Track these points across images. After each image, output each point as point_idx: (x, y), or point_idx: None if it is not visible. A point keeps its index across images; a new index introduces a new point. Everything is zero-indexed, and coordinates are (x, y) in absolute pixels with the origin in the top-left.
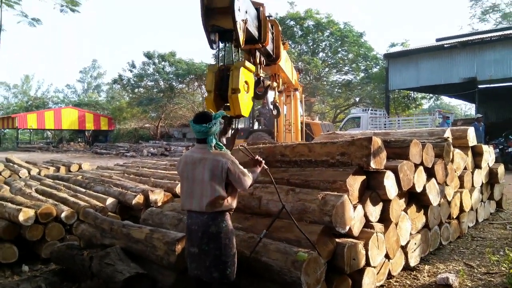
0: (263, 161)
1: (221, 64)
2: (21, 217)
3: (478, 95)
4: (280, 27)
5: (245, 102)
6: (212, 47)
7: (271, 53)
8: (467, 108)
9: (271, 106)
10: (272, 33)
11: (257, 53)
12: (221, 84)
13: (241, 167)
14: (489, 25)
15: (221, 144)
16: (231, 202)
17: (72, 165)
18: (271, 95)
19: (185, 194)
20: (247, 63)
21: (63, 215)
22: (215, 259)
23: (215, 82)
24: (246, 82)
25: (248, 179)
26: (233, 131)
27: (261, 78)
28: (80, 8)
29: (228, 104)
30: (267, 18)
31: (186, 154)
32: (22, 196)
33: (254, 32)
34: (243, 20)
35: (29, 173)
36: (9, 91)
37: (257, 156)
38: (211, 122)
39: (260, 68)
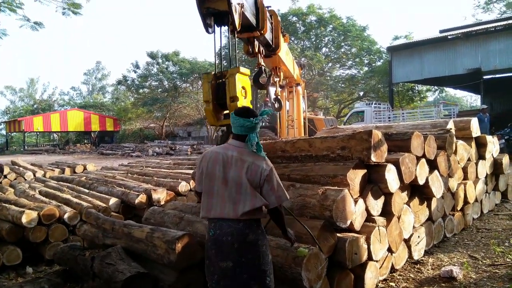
0: None
1: (217, 71)
2: (24, 219)
3: (483, 86)
4: (279, 18)
5: None
6: (208, 31)
7: (270, 42)
8: (473, 100)
9: (273, 101)
10: (271, 23)
11: (256, 42)
12: (218, 92)
13: (279, 180)
14: (493, 15)
15: (261, 145)
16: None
17: (77, 167)
18: (272, 90)
19: (213, 197)
20: (242, 69)
21: (66, 216)
22: (254, 270)
23: (212, 91)
24: (243, 88)
25: (284, 195)
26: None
27: (262, 67)
28: (82, 10)
29: (227, 112)
30: (266, 8)
31: (215, 151)
32: (26, 198)
33: (252, 19)
34: (238, 4)
35: (34, 175)
36: (15, 94)
37: None
38: (257, 118)
39: (260, 58)
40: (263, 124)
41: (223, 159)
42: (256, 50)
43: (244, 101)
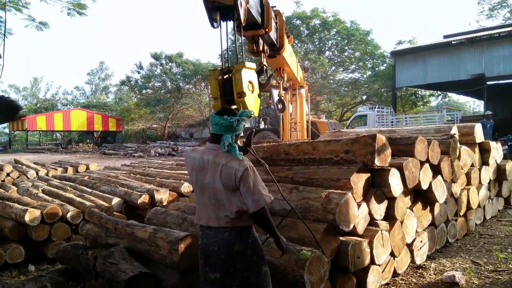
0: (267, 165)
1: (224, 67)
2: (27, 217)
3: (487, 92)
4: (283, 18)
5: (252, 102)
6: (213, 26)
7: (275, 42)
8: (476, 105)
9: (277, 102)
10: (276, 23)
11: (260, 41)
12: (225, 88)
13: (260, 180)
14: (497, 21)
15: (235, 146)
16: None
17: (79, 166)
18: (275, 92)
19: (198, 205)
20: (247, 63)
21: (69, 215)
22: (243, 282)
23: (219, 87)
24: (250, 82)
25: (262, 199)
26: (248, 132)
27: (264, 66)
28: (87, 11)
29: (236, 107)
30: (271, 7)
31: (191, 156)
32: (29, 197)
33: (257, 17)
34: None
35: (37, 174)
36: (19, 93)
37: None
38: (234, 117)
39: (263, 57)
40: (266, 126)
41: (199, 164)
42: (261, 48)
43: (251, 96)
